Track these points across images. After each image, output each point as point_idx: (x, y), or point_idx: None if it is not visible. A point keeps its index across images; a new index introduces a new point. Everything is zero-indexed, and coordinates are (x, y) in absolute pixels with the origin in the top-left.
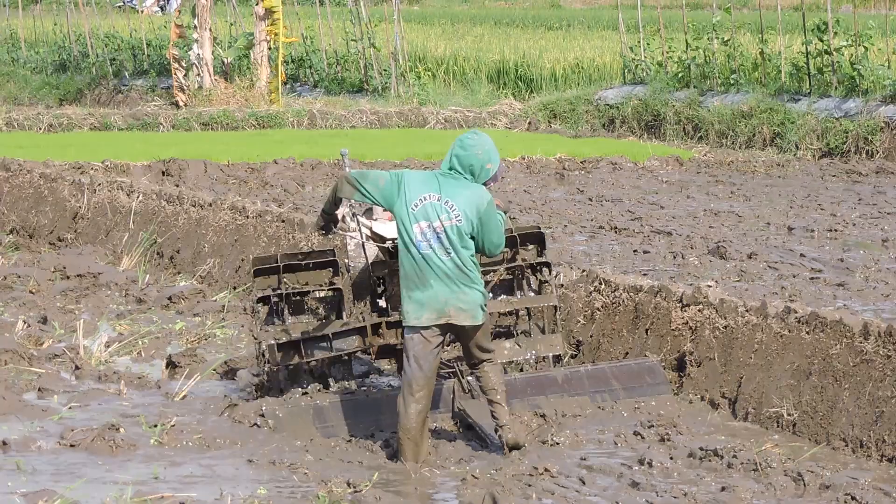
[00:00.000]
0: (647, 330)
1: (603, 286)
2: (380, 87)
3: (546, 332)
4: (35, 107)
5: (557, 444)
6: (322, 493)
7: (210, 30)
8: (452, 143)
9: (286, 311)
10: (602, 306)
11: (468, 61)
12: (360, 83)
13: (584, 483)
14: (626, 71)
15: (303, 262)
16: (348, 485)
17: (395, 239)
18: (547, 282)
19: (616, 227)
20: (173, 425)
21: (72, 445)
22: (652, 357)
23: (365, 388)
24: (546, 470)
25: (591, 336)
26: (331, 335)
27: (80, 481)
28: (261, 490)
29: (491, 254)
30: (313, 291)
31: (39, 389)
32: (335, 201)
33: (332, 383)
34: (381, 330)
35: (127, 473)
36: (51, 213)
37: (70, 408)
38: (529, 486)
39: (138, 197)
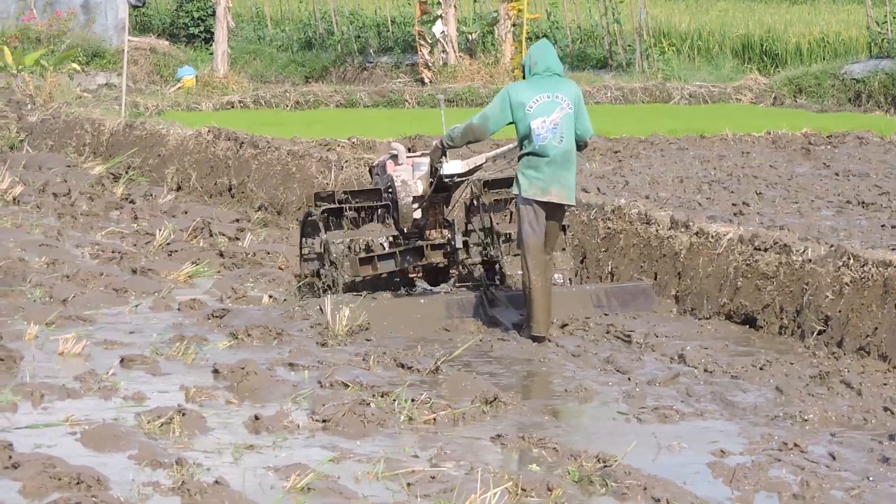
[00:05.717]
0: None
1: (851, 261)
2: (624, 63)
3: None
4: (281, 84)
5: (806, 420)
6: (572, 468)
7: (454, 6)
8: (529, 59)
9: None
10: (850, 281)
11: (713, 36)
12: (604, 59)
13: (833, 458)
14: (871, 45)
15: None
16: (598, 459)
17: (454, 175)
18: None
19: (863, 202)
20: (423, 400)
21: (323, 420)
22: (646, 280)
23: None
24: (796, 445)
25: (839, 311)
26: (398, 252)
27: (331, 455)
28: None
29: (583, 138)
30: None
31: (290, 365)
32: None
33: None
34: (426, 251)
35: (378, 448)
36: (298, 190)
37: (321, 384)
38: (779, 461)
39: None
